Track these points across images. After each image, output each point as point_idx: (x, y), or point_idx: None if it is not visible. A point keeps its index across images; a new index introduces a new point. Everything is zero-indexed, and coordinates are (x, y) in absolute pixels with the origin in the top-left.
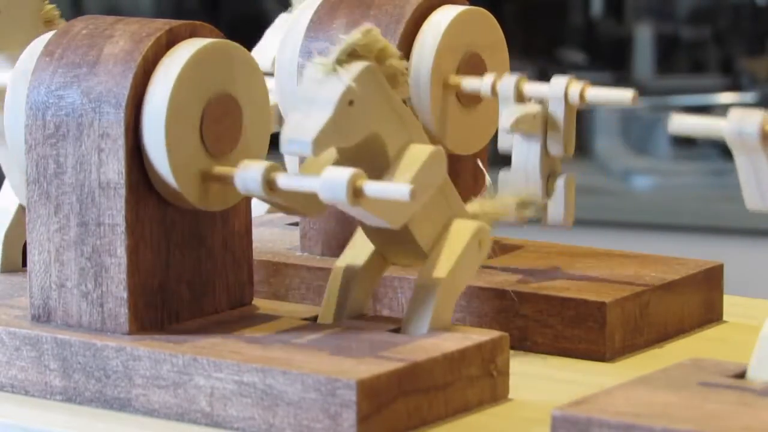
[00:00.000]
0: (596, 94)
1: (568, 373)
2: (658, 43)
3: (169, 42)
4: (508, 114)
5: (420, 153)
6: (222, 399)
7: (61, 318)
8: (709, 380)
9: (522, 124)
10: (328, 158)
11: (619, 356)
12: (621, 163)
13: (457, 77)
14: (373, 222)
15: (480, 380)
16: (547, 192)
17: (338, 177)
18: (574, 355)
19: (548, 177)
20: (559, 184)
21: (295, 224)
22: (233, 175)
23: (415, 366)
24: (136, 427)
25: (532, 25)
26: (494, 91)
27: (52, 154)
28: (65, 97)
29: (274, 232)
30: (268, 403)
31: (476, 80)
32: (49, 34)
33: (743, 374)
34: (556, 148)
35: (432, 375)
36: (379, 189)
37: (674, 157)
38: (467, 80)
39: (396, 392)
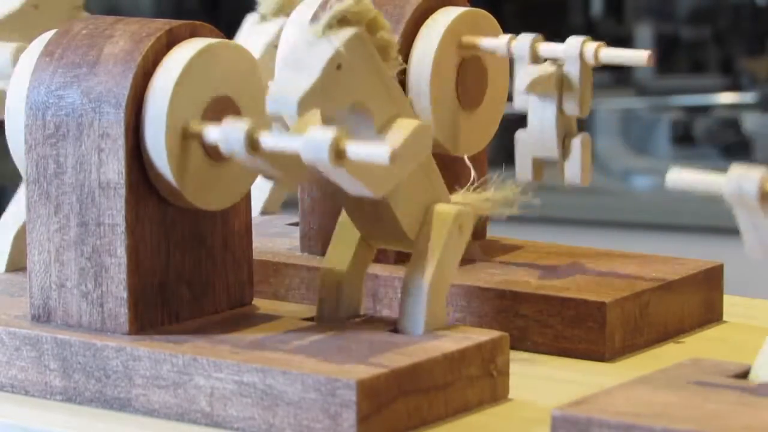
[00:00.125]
0: (611, 54)
1: (568, 373)
2: (658, 43)
3: (169, 42)
4: (524, 75)
5: (406, 125)
6: (222, 399)
7: (61, 318)
8: (709, 380)
9: (537, 85)
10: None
11: (619, 356)
12: (621, 163)
13: (471, 38)
14: (355, 189)
15: (480, 380)
16: (564, 152)
17: (321, 136)
18: (574, 355)
19: (564, 137)
20: (575, 143)
21: (295, 224)
22: (214, 133)
23: (415, 366)
24: (136, 427)
25: (532, 25)
26: (509, 51)
27: (52, 154)
28: (65, 97)
29: (274, 232)
30: (268, 403)
31: (492, 40)
32: (48, 35)
33: (743, 374)
34: (571, 108)
35: (432, 375)
36: (360, 150)
37: (674, 157)
38: (484, 40)
39: (396, 392)
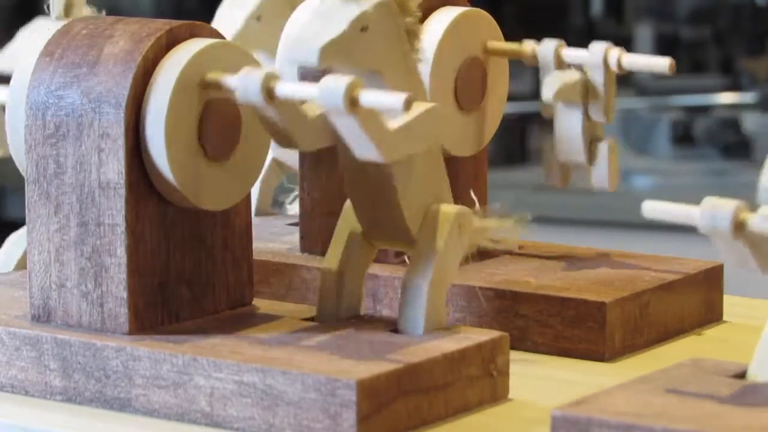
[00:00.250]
0: (633, 61)
1: (568, 373)
2: (658, 43)
3: (169, 42)
4: (549, 83)
5: (420, 105)
6: (222, 399)
7: (61, 318)
8: (709, 380)
9: (563, 94)
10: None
11: (619, 356)
12: (621, 163)
13: (496, 42)
14: (364, 148)
15: (480, 380)
16: (590, 157)
17: (336, 81)
18: (574, 355)
19: (590, 142)
20: (602, 148)
21: (295, 224)
22: (232, 81)
23: (415, 366)
24: (136, 427)
25: (532, 26)
26: (534, 57)
27: (52, 154)
28: (65, 97)
29: (274, 232)
30: (268, 403)
31: (516, 45)
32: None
33: (743, 374)
34: (597, 114)
35: (432, 375)
36: (374, 97)
37: (674, 157)
38: (509, 45)
39: (396, 392)
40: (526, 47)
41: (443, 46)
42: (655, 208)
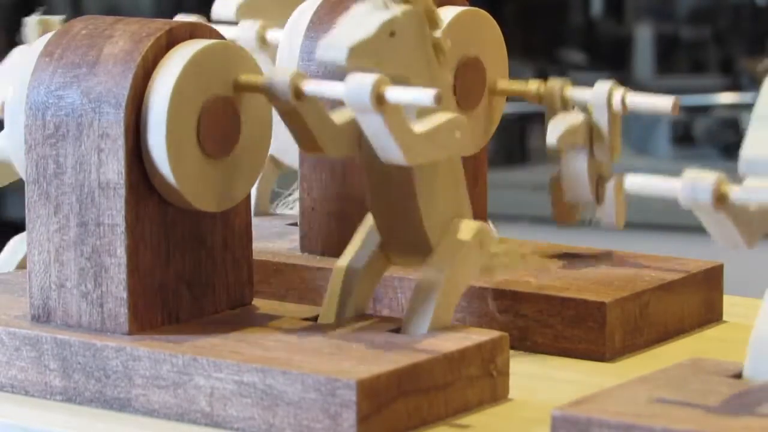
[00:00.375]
0: (637, 101)
1: (568, 373)
2: (658, 43)
3: (169, 42)
4: (553, 128)
5: (442, 115)
6: (222, 399)
7: (61, 318)
8: (709, 380)
9: (567, 139)
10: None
11: (619, 356)
12: (621, 163)
13: (505, 82)
14: (388, 148)
15: (480, 380)
16: (597, 196)
17: (364, 78)
18: (574, 355)
19: (597, 181)
20: (609, 188)
21: (295, 224)
22: (262, 81)
23: (415, 366)
24: (136, 427)
25: (532, 25)
26: (538, 96)
27: (51, 154)
28: (65, 97)
29: (274, 232)
30: (268, 403)
31: (521, 84)
32: (48, 35)
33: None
34: (602, 155)
35: (432, 375)
36: (403, 93)
37: (674, 157)
38: (513, 84)
39: (396, 392)
40: (531, 86)
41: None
42: (637, 182)
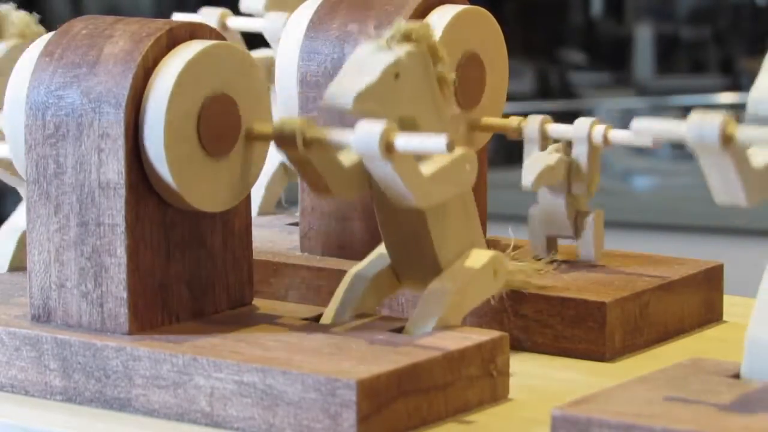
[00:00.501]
0: (619, 136)
1: (568, 373)
2: (658, 43)
3: (169, 42)
4: (529, 168)
5: (453, 152)
6: (222, 399)
7: (61, 318)
8: (709, 380)
9: (543, 179)
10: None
11: (619, 356)
12: (621, 163)
13: (488, 119)
14: (399, 193)
15: (480, 380)
16: (576, 231)
17: (372, 127)
18: (574, 355)
19: (576, 215)
20: (588, 222)
21: (295, 224)
22: (271, 130)
23: (415, 366)
24: (136, 427)
25: (532, 25)
26: (518, 131)
27: (51, 154)
28: (65, 97)
29: (274, 232)
30: (268, 403)
31: (502, 120)
32: (48, 35)
33: None
34: (580, 189)
35: (432, 375)
36: (413, 141)
37: (674, 157)
38: (494, 120)
39: (396, 392)
40: (512, 122)
41: (442, 45)
42: (644, 126)
